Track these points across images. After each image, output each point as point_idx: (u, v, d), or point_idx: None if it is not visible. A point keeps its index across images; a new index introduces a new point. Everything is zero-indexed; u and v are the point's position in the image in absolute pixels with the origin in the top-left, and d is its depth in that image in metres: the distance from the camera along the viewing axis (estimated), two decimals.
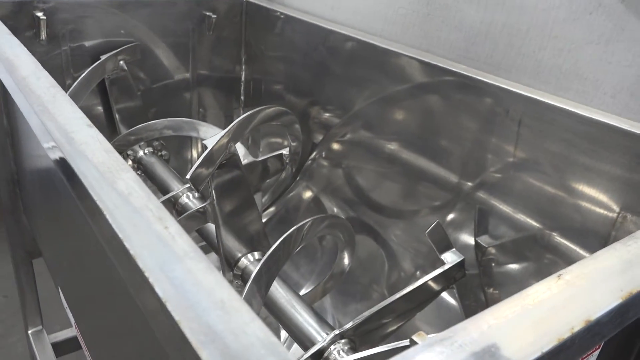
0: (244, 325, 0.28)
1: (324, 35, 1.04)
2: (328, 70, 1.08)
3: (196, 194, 0.92)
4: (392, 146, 1.00)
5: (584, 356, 0.41)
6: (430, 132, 0.91)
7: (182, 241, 0.34)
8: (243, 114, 1.36)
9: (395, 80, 0.94)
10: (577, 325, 0.30)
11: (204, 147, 0.74)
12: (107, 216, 0.36)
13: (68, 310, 0.86)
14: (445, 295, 0.93)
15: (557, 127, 0.71)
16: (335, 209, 1.12)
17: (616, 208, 0.67)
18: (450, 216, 0.94)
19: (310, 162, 1.20)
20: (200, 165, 0.72)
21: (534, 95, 0.73)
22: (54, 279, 0.90)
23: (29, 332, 1.13)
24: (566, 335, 0.29)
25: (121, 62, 1.10)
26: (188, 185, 0.87)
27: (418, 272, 0.97)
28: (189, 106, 1.27)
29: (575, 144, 0.69)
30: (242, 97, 1.35)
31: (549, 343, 0.29)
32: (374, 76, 0.98)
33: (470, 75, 0.80)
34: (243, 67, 1.31)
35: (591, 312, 0.31)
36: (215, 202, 0.81)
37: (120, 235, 0.34)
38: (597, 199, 0.70)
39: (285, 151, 1.09)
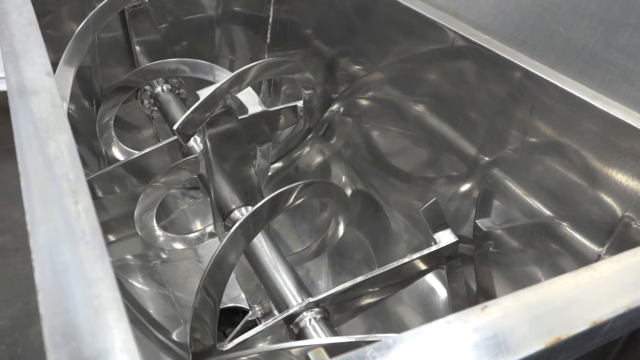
0: (109, 330, 0.26)
1: None
2: (353, 24, 1.02)
3: (188, 144, 0.91)
4: (413, 109, 0.95)
5: None
6: (451, 100, 0.86)
7: (85, 221, 0.32)
8: (269, 57, 1.33)
9: (418, 42, 0.88)
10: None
11: (197, 97, 0.72)
12: (22, 183, 0.35)
13: None
14: (432, 276, 0.91)
15: (571, 118, 0.64)
16: (343, 178, 1.09)
17: (622, 210, 0.62)
18: (460, 192, 0.89)
19: (327, 115, 1.16)
20: (189, 117, 0.70)
21: (552, 79, 0.66)
22: None
23: None
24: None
25: None
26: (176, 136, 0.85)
27: (410, 251, 0.94)
28: (213, 45, 1.24)
29: (587, 139, 0.63)
30: (268, 39, 1.30)
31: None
32: (397, 36, 0.92)
33: (490, 48, 0.73)
34: (272, 5, 1.26)
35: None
36: (209, 153, 0.80)
37: (26, 206, 0.33)
38: (604, 194, 0.65)
39: (299, 103, 1.05)
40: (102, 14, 1.01)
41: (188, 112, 0.70)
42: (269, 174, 1.07)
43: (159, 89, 1.15)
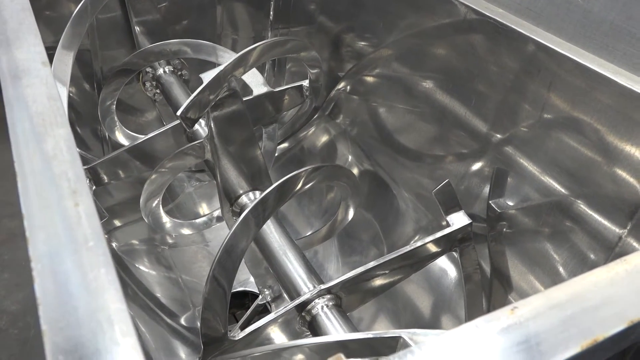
0: (113, 345, 0.24)
1: None
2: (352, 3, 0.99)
3: (193, 129, 0.89)
4: (422, 85, 0.92)
5: None
6: (462, 76, 0.83)
7: (87, 224, 0.31)
8: (272, 35, 1.29)
9: (428, 17, 0.84)
10: None
11: (201, 81, 0.69)
12: (20, 184, 0.33)
13: None
14: (445, 259, 0.89)
15: (590, 97, 0.61)
16: (350, 157, 1.07)
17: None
18: (471, 170, 0.87)
19: (334, 94, 1.13)
20: (193, 101, 0.68)
21: (571, 55, 0.63)
22: None
23: None
24: None
25: None
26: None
27: (419, 235, 0.92)
28: (214, 24, 1.21)
29: (608, 118, 0.60)
30: (271, 16, 1.26)
31: None
32: (406, 11, 0.88)
33: (503, 21, 0.70)
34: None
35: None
36: (214, 137, 0.78)
37: (24, 211, 0.31)
38: (612, 190, 0.62)
39: (305, 83, 1.02)
40: None
41: (192, 96, 0.67)
42: (275, 154, 1.05)
43: (160, 70, 1.12)
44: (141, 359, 0.24)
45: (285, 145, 1.13)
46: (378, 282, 0.74)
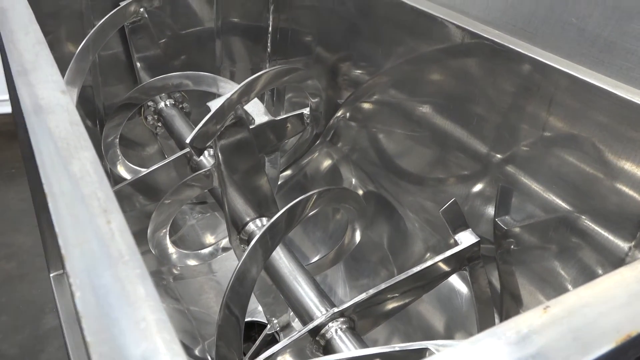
0: (158, 355, 0.25)
1: None
2: (356, 27, 1.01)
3: (200, 158, 0.89)
4: (421, 110, 0.94)
5: None
6: (462, 99, 0.85)
7: (121, 240, 0.31)
8: (270, 66, 1.32)
9: (422, 41, 0.87)
10: None
11: (208, 109, 0.70)
12: (50, 204, 0.33)
13: None
14: (455, 277, 0.89)
15: (593, 109, 0.63)
16: (353, 180, 1.08)
17: None
18: (474, 191, 0.88)
19: (334, 121, 1.15)
20: (201, 129, 0.69)
21: (570, 70, 0.65)
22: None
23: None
24: None
25: (142, 9, 1.06)
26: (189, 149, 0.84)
27: (429, 254, 0.92)
28: (213, 57, 1.23)
29: (612, 129, 0.62)
30: (269, 49, 1.29)
31: None
32: (402, 37, 0.91)
33: (500, 42, 0.72)
34: (271, 16, 1.25)
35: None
36: (221, 165, 0.78)
37: (57, 229, 0.31)
38: (630, 186, 0.63)
39: (306, 111, 1.04)
40: (102, 31, 1.00)
41: (200, 124, 0.68)
42: (279, 182, 1.06)
43: (162, 104, 1.13)
44: None
45: (288, 172, 1.14)
46: (391, 303, 0.74)
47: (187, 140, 0.68)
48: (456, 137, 0.88)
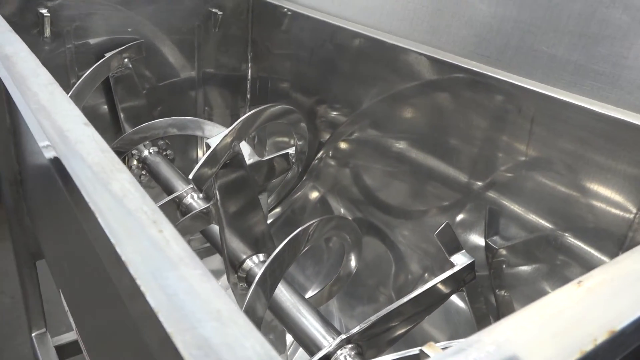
0: (242, 338, 0.26)
1: (331, 31, 1.02)
2: (335, 68, 1.06)
3: (200, 195, 0.90)
4: (401, 145, 0.98)
5: None
6: (440, 131, 0.89)
7: (177, 246, 0.32)
8: (249, 112, 1.35)
9: (404, 77, 0.92)
10: (600, 336, 0.28)
11: (208, 146, 0.72)
12: (100, 219, 0.34)
13: (69, 313, 0.84)
14: (454, 298, 0.91)
15: (572, 124, 0.68)
16: (342, 210, 1.10)
17: (633, 209, 0.65)
18: (460, 217, 0.91)
19: (317, 161, 1.18)
20: (203, 165, 0.70)
21: (547, 92, 0.71)
22: (56, 281, 0.89)
23: (33, 334, 1.12)
24: (589, 347, 0.27)
25: (126, 60, 1.08)
26: (192, 185, 0.85)
27: (426, 275, 0.94)
28: (195, 105, 1.26)
29: (591, 142, 0.67)
30: (248, 96, 1.33)
31: (570, 356, 0.27)
32: (382, 73, 0.95)
33: (481, 71, 0.78)
34: (249, 65, 1.30)
35: (615, 322, 0.29)
36: (219, 202, 0.79)
37: (112, 240, 0.32)
38: (612, 199, 0.68)
39: (291, 150, 1.07)
40: (87, 83, 1.02)
41: (202, 160, 0.70)
42: (269, 221, 1.07)
43: (146, 152, 1.14)
44: (272, 349, 0.25)
45: (277, 210, 1.15)
46: (396, 327, 0.75)
47: (190, 176, 0.69)
48: (439, 167, 0.91)
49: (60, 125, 0.46)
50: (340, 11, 1.06)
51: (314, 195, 1.16)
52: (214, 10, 1.17)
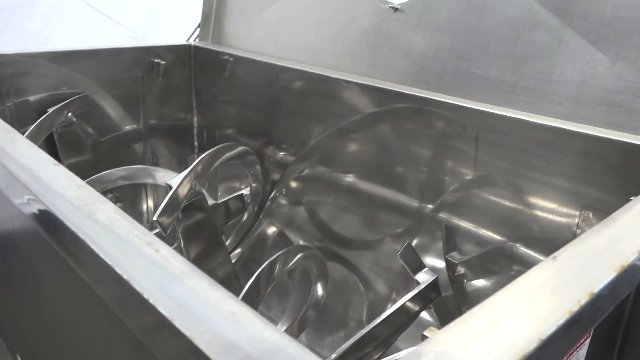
0: (261, 332, 0.26)
1: (276, 72, 1.06)
2: (282, 107, 1.09)
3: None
4: (350, 178, 1.01)
5: (579, 343, 0.42)
6: (388, 160, 0.93)
7: (177, 262, 0.33)
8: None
9: (349, 110, 0.96)
10: (583, 298, 0.31)
11: (169, 187, 0.72)
12: (92, 246, 0.34)
13: None
14: (425, 316, 0.93)
15: (513, 136, 0.74)
16: (301, 242, 1.11)
17: (577, 208, 0.70)
18: (417, 239, 0.94)
19: (271, 200, 1.19)
20: (166, 207, 0.70)
21: (488, 109, 0.76)
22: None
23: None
24: (575, 308, 0.30)
25: (69, 114, 1.07)
26: (155, 230, 0.84)
27: (394, 294, 0.96)
28: (142, 156, 1.25)
29: (532, 150, 0.72)
30: (195, 143, 1.33)
31: (561, 317, 0.29)
32: (328, 108, 0.99)
33: (424, 96, 0.83)
34: (195, 112, 1.31)
35: (593, 286, 0.32)
36: (182, 244, 0.79)
37: (109, 263, 0.32)
38: (557, 203, 0.73)
39: (245, 191, 1.08)
40: (30, 140, 0.99)
41: (165, 200, 0.70)
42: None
43: None
44: (289, 339, 0.26)
45: (237, 251, 1.14)
46: (370, 353, 0.76)
47: (154, 218, 0.69)
48: (387, 197, 0.95)
49: (30, 167, 0.46)
50: (283, 53, 1.10)
51: (272, 231, 1.16)
52: (156, 60, 1.19)
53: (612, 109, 0.70)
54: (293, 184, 1.14)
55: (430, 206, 0.90)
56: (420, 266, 0.85)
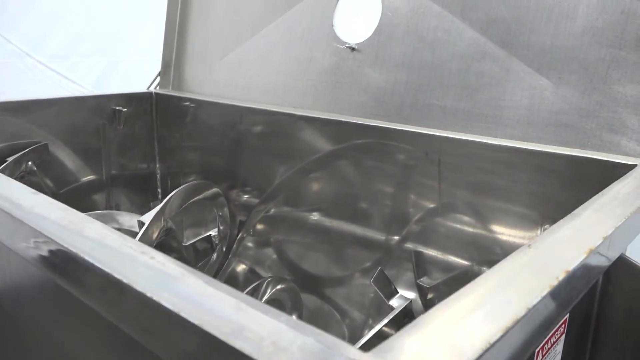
0: (271, 317, 0.27)
1: (240, 113, 1.08)
2: (246, 149, 1.11)
3: None
4: (316, 216, 1.03)
5: (557, 326, 0.44)
6: (353, 194, 0.96)
7: (175, 265, 0.33)
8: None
9: (313, 146, 0.98)
10: (560, 275, 0.33)
11: (141, 223, 0.72)
12: (87, 258, 0.34)
13: None
14: None
15: (474, 159, 0.78)
16: (271, 274, 1.10)
17: (538, 221, 0.74)
18: (387, 271, 0.96)
19: (238, 242, 1.19)
20: (139, 241, 0.69)
21: (448, 134, 0.81)
22: None
23: None
24: (554, 282, 0.32)
25: (29, 163, 1.05)
26: None
27: (370, 321, 0.97)
28: (104, 204, 1.23)
29: (492, 170, 0.76)
30: (159, 190, 1.32)
31: (544, 289, 0.31)
32: (292, 145, 1.01)
33: (386, 126, 0.87)
34: (157, 159, 1.31)
35: (568, 265, 0.34)
36: None
37: (107, 270, 0.33)
38: (518, 220, 0.77)
39: (213, 232, 1.08)
40: None
41: (138, 236, 0.69)
42: None
43: None
44: (299, 321, 0.27)
45: None
46: None
47: None
48: (353, 233, 0.97)
49: (9, 197, 0.46)
50: (245, 95, 1.14)
51: (242, 270, 1.15)
52: (117, 108, 1.19)
53: (560, 128, 0.76)
54: (260, 225, 1.15)
55: (397, 237, 0.92)
56: (393, 292, 0.87)
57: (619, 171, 0.63)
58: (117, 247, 0.36)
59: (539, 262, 0.35)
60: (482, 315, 0.29)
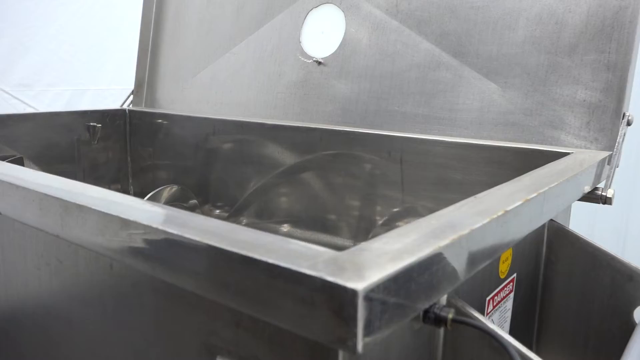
0: (280, 242, 0.33)
1: (213, 125, 1.13)
2: (218, 161, 1.15)
3: None
4: (285, 228, 1.08)
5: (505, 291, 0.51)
6: (322, 197, 1.01)
7: (177, 212, 0.38)
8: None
9: (284, 153, 1.04)
10: (507, 207, 0.40)
11: None
12: (93, 207, 0.39)
13: None
14: None
15: (432, 155, 0.85)
16: None
17: None
18: None
19: None
20: None
21: (409, 135, 0.88)
22: None
23: None
24: (500, 212, 0.39)
25: None
26: None
27: None
28: None
29: (449, 165, 0.84)
30: None
31: (485, 220, 0.38)
32: (266, 153, 1.07)
33: (352, 130, 0.94)
34: (130, 173, 1.34)
35: (507, 204, 0.41)
36: None
37: (113, 213, 0.37)
38: None
39: None
40: None
41: None
42: None
43: None
44: (307, 244, 0.32)
45: None
46: None
47: None
48: (327, 239, 1.02)
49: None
50: (217, 111, 1.19)
51: None
52: (92, 123, 1.23)
53: (508, 127, 0.84)
54: None
55: (364, 234, 0.98)
56: None
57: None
58: (118, 198, 0.40)
59: (485, 205, 0.42)
60: (431, 232, 0.35)
